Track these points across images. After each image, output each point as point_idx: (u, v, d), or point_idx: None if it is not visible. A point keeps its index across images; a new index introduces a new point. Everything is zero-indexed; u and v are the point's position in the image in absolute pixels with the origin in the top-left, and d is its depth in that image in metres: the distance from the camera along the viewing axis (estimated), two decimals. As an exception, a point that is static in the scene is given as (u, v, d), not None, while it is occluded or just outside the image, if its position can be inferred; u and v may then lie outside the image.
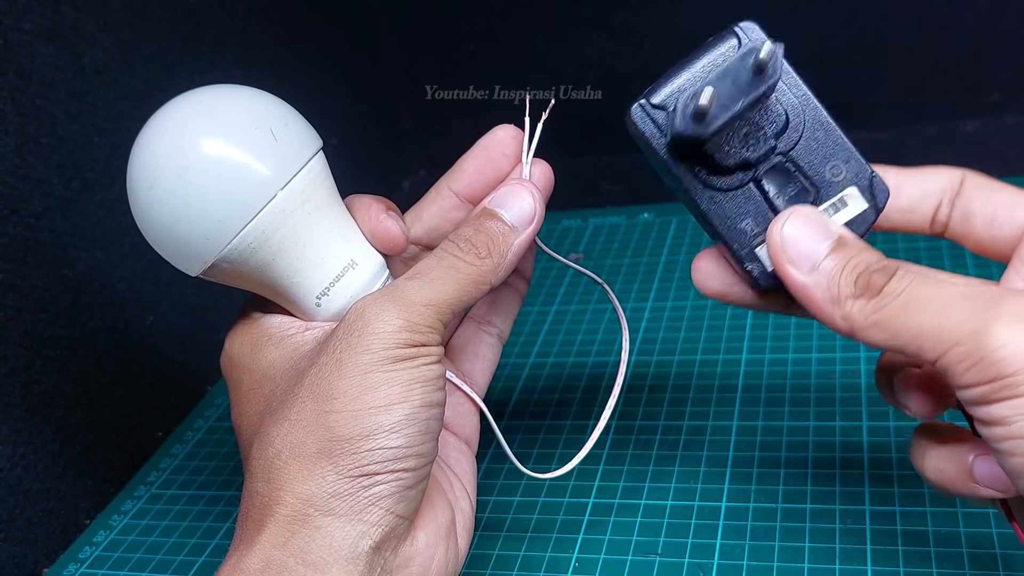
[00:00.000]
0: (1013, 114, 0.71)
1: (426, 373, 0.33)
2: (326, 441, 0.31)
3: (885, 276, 0.29)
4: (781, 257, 0.30)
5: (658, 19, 0.74)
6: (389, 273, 0.38)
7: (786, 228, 0.30)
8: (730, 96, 0.29)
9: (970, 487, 0.31)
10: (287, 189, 0.34)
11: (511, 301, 0.43)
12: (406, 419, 0.32)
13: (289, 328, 0.36)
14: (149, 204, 0.34)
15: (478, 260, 0.35)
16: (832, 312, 0.29)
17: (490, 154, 0.38)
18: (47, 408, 0.49)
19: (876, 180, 0.32)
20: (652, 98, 0.32)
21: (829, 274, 0.30)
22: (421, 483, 0.33)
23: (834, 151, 0.32)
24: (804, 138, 0.32)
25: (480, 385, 0.42)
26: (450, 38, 0.81)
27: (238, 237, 0.33)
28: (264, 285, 0.36)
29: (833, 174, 0.32)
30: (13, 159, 0.48)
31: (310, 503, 0.31)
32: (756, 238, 0.33)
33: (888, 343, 0.29)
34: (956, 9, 0.69)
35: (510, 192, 0.37)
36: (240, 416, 0.36)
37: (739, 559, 0.40)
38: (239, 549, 0.32)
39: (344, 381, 0.32)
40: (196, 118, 0.33)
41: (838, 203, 0.32)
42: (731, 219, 0.33)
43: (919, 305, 0.28)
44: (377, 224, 0.37)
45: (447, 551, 0.35)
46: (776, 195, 0.32)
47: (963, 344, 0.27)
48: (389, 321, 0.32)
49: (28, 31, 0.49)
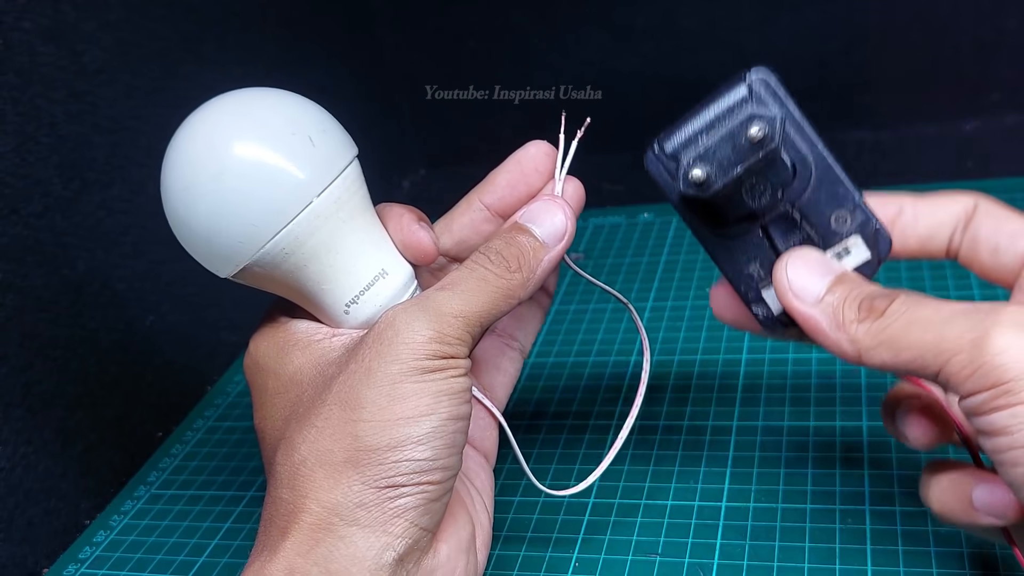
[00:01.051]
0: (1013, 113, 0.71)
1: (454, 385, 0.33)
2: (353, 450, 0.31)
3: (887, 300, 0.30)
4: (787, 293, 0.32)
5: (659, 18, 0.74)
6: (418, 284, 0.38)
7: (789, 266, 0.32)
8: (728, 162, 0.30)
9: (971, 515, 0.32)
10: (323, 196, 0.33)
11: (534, 316, 0.43)
12: (434, 431, 0.32)
13: (316, 333, 0.36)
14: (184, 204, 0.33)
15: (508, 274, 0.35)
16: (838, 337, 0.31)
17: (523, 169, 0.38)
18: (47, 408, 0.49)
19: (880, 231, 0.33)
20: (665, 146, 0.32)
21: (833, 304, 0.31)
22: (445, 496, 0.33)
23: (840, 201, 0.33)
24: (811, 188, 0.33)
25: (500, 399, 0.42)
26: (450, 38, 0.81)
27: (272, 242, 0.33)
28: (293, 290, 0.35)
29: (838, 224, 0.33)
30: (13, 159, 0.48)
31: (335, 512, 0.31)
32: (762, 282, 0.34)
33: (893, 361, 0.29)
34: (956, 8, 0.69)
35: (542, 208, 0.36)
36: (264, 420, 0.36)
37: (739, 559, 0.40)
38: (262, 555, 0.32)
39: (373, 390, 0.32)
40: (236, 121, 0.33)
41: (842, 252, 0.33)
42: (738, 264, 0.34)
43: (922, 323, 0.29)
44: (409, 234, 0.37)
45: (467, 564, 0.35)
46: (782, 243, 0.33)
47: (963, 352, 0.28)
48: (419, 332, 0.32)
49: (28, 30, 0.49)
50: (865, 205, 0.33)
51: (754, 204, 0.32)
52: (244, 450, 0.54)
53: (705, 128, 0.32)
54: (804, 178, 0.33)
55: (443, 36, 0.81)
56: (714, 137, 0.31)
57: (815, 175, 0.33)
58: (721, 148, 0.30)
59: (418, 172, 0.88)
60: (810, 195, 0.33)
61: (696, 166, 0.30)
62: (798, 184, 0.33)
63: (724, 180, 0.30)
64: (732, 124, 0.30)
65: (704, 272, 0.61)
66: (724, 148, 0.30)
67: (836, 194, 0.33)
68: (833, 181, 0.33)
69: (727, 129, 0.30)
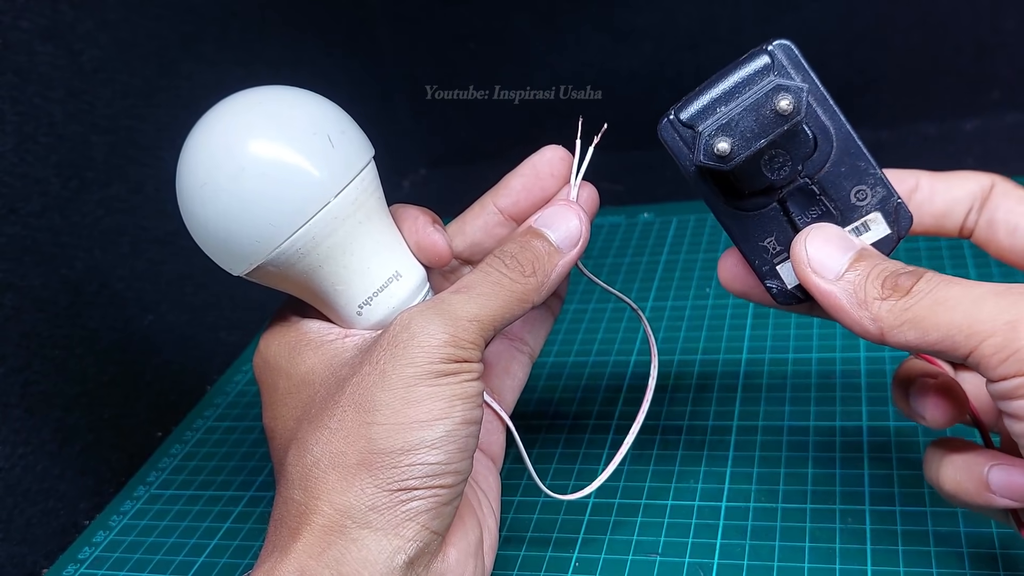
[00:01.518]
0: (1013, 112, 0.71)
1: (468, 389, 0.32)
2: (367, 453, 0.31)
3: (913, 278, 0.29)
4: (806, 268, 0.31)
5: (659, 18, 0.74)
6: (430, 287, 0.38)
7: (809, 241, 0.31)
8: (751, 133, 0.30)
9: (985, 497, 0.31)
10: (340, 196, 0.33)
11: (545, 320, 0.43)
12: (447, 435, 0.32)
13: (328, 334, 0.36)
14: (200, 202, 0.33)
15: (523, 278, 0.34)
16: (860, 315, 0.30)
17: (539, 173, 0.38)
18: (46, 408, 0.49)
19: (901, 207, 0.32)
20: (681, 114, 0.32)
21: (854, 280, 0.30)
22: (456, 500, 0.33)
23: (861, 176, 0.32)
24: (831, 162, 0.32)
25: (508, 403, 0.41)
26: (450, 38, 0.81)
27: (288, 241, 0.33)
28: (306, 290, 0.35)
29: (858, 199, 0.32)
30: (11, 158, 0.48)
31: (348, 515, 0.31)
32: (777, 256, 0.33)
33: (919, 341, 0.29)
34: (956, 7, 0.69)
35: (557, 213, 0.36)
36: (274, 420, 0.36)
37: (739, 559, 0.40)
38: (273, 555, 0.32)
39: (387, 393, 0.32)
40: (255, 119, 0.33)
41: (861, 227, 0.33)
42: (753, 237, 0.33)
43: (950, 302, 0.28)
44: (424, 236, 0.37)
45: (475, 568, 0.35)
46: (799, 216, 0.33)
47: (998, 335, 0.27)
48: (434, 335, 0.32)
49: (26, 30, 0.49)
50: (886, 180, 0.32)
51: (773, 177, 0.32)
52: (243, 450, 0.54)
53: (724, 98, 0.31)
54: (825, 151, 0.32)
55: (443, 36, 0.81)
56: (736, 107, 0.30)
57: (836, 148, 0.32)
58: (744, 119, 0.30)
59: (418, 172, 0.88)
60: (830, 169, 0.32)
61: (719, 138, 0.30)
62: (818, 157, 0.32)
63: (747, 152, 0.30)
64: (756, 94, 0.30)
65: (704, 272, 0.61)
66: (747, 119, 0.30)
67: (857, 168, 0.32)
68: (854, 155, 0.32)
69: (751, 99, 0.30)
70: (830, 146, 0.32)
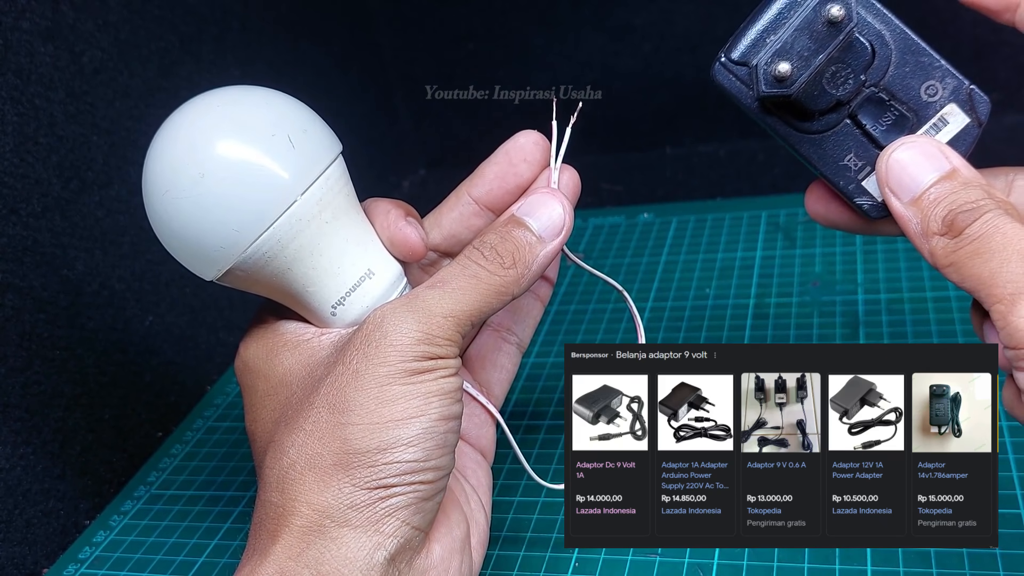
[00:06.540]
0: (1013, 113, 0.71)
1: (444, 386, 0.32)
2: (342, 454, 0.31)
3: (971, 218, 0.29)
4: (884, 186, 0.31)
5: (658, 18, 0.74)
6: (407, 282, 0.37)
7: (895, 155, 0.31)
8: (809, 52, 0.30)
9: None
10: (304, 198, 0.33)
11: (533, 308, 0.42)
12: (424, 433, 0.32)
13: (304, 333, 0.36)
14: (164, 209, 0.33)
15: (502, 270, 0.34)
16: (922, 245, 0.30)
17: (512, 160, 0.37)
18: (46, 408, 0.49)
19: (975, 93, 0.32)
20: (732, 54, 0.31)
21: (924, 209, 0.30)
22: (438, 495, 0.33)
23: (927, 72, 0.32)
24: (893, 65, 0.32)
25: (497, 396, 0.41)
26: (450, 38, 0.81)
27: (253, 246, 0.33)
28: (279, 292, 0.35)
29: (929, 95, 0.32)
30: (12, 159, 0.48)
31: (326, 514, 0.31)
32: (862, 171, 0.33)
33: (959, 284, 0.29)
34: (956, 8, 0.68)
35: (539, 201, 0.36)
36: (255, 423, 0.36)
37: (739, 559, 0.40)
38: (252, 559, 0.32)
39: (361, 393, 0.32)
40: (214, 123, 0.33)
41: (938, 123, 0.32)
42: (833, 158, 0.33)
43: (987, 254, 0.28)
44: (396, 231, 0.36)
45: (461, 564, 0.35)
46: (874, 127, 0.32)
47: (1003, 303, 0.27)
48: (407, 333, 0.32)
49: (27, 30, 0.49)
50: (954, 70, 0.32)
51: (839, 93, 0.31)
52: (243, 450, 0.54)
53: (771, 28, 0.31)
54: (884, 56, 0.32)
55: (443, 36, 0.81)
56: (786, 32, 0.30)
57: (896, 50, 0.32)
58: (798, 40, 0.30)
59: (418, 172, 0.88)
60: (894, 72, 0.32)
61: (777, 63, 0.30)
62: (879, 64, 0.32)
63: (808, 71, 0.30)
64: (803, 13, 0.30)
65: (704, 272, 0.61)
66: (801, 39, 0.30)
67: (921, 65, 0.32)
68: (916, 52, 0.32)
69: (799, 20, 0.30)
70: (888, 50, 0.32)
